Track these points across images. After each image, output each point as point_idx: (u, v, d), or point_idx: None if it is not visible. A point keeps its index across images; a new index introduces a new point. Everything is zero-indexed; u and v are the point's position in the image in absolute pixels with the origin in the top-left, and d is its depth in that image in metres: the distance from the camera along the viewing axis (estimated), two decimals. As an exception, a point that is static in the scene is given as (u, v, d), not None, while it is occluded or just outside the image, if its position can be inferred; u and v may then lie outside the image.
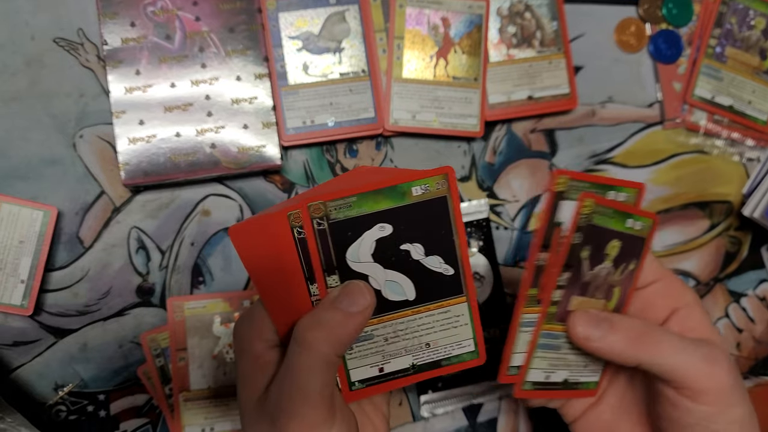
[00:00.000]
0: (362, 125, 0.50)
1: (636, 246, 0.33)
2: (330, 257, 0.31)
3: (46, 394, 0.47)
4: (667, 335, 0.33)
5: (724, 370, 0.32)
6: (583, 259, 0.32)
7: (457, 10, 0.51)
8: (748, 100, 0.56)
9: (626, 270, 0.34)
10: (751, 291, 0.57)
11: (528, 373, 0.34)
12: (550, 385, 0.35)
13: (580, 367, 0.35)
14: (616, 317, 0.34)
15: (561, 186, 0.32)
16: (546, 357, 0.34)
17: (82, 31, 0.49)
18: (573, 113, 0.55)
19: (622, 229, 0.33)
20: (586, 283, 0.33)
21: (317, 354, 0.29)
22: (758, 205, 0.54)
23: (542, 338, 0.33)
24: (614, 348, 0.33)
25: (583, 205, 0.31)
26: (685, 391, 0.32)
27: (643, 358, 0.32)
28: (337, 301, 0.30)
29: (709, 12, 0.56)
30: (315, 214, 0.30)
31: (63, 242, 0.47)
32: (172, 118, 0.47)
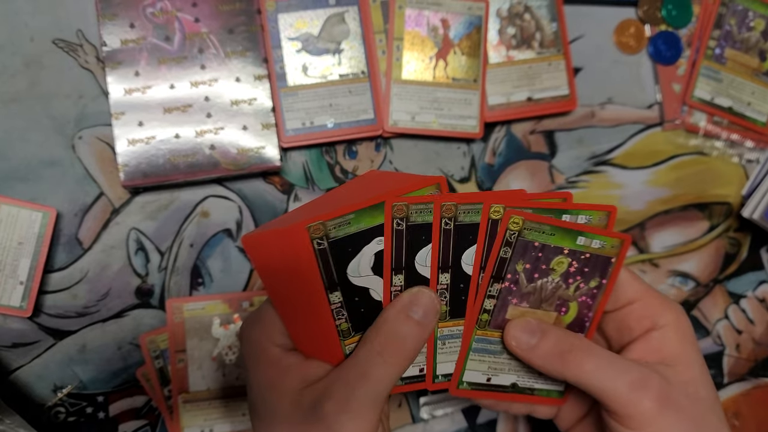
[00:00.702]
0: (361, 126, 0.50)
1: (597, 264, 0.33)
2: (332, 275, 0.31)
3: (45, 396, 0.47)
4: (596, 356, 0.32)
5: (650, 398, 0.31)
6: (519, 272, 0.33)
7: (456, 12, 0.51)
8: (748, 102, 0.56)
9: (585, 286, 0.34)
10: (751, 292, 0.57)
11: (463, 374, 0.34)
12: (495, 388, 0.35)
13: (532, 374, 0.35)
14: (553, 329, 0.33)
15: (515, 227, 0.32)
16: (484, 360, 0.34)
17: (82, 32, 0.48)
18: (572, 114, 0.55)
19: (571, 246, 0.32)
20: (528, 293, 0.33)
21: (397, 368, 0.31)
22: (758, 206, 0.54)
23: (476, 343, 0.34)
24: (541, 360, 0.33)
25: (509, 222, 0.31)
26: (613, 415, 0.32)
27: (567, 375, 0.32)
28: (412, 310, 0.31)
29: (708, 13, 0.56)
30: (315, 234, 0.30)
31: (62, 243, 0.47)
32: (172, 119, 0.47)
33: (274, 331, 0.32)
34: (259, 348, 0.32)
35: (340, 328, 0.32)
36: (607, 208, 0.33)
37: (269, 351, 0.32)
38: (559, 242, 0.32)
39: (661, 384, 0.32)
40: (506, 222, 0.31)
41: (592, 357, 0.32)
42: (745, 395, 0.57)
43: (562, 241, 0.32)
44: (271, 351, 0.32)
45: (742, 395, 0.57)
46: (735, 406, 0.56)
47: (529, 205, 0.32)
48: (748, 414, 0.56)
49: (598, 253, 0.33)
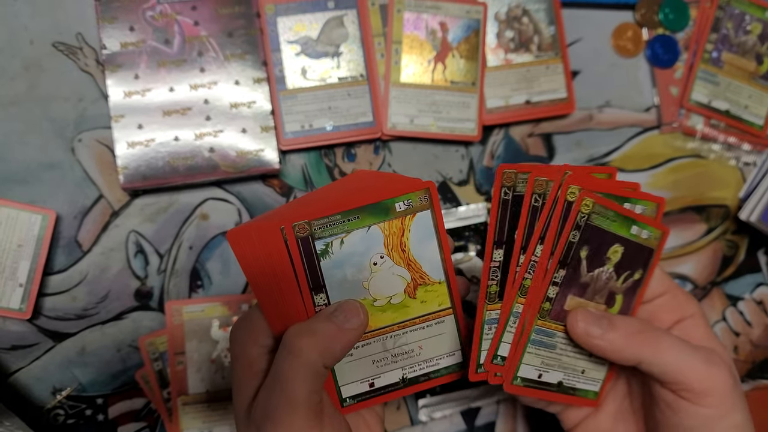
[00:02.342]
0: (360, 129, 0.50)
1: (642, 255, 0.33)
2: (316, 275, 0.31)
3: (45, 398, 0.47)
4: (667, 335, 0.33)
5: (725, 373, 0.32)
6: (582, 258, 0.32)
7: (454, 15, 0.52)
8: (745, 105, 0.56)
9: (630, 279, 0.34)
10: (748, 295, 0.58)
11: (519, 368, 0.34)
12: (543, 385, 0.35)
13: (576, 373, 0.35)
14: (617, 317, 0.33)
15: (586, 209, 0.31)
16: (539, 354, 0.34)
17: (81, 35, 0.49)
18: (570, 117, 0.55)
19: (626, 234, 0.33)
20: (585, 284, 0.33)
21: (305, 361, 0.29)
22: (755, 209, 0.54)
23: (535, 334, 0.33)
24: (615, 345, 0.32)
25: (581, 204, 0.31)
26: (686, 393, 0.32)
27: (644, 356, 0.32)
28: (333, 315, 0.31)
29: (705, 17, 0.56)
30: (300, 233, 0.30)
31: (61, 246, 0.47)
32: (171, 122, 0.47)
33: (259, 332, 0.32)
34: (241, 349, 0.32)
35: None
36: (657, 199, 0.33)
37: (249, 352, 0.32)
38: (618, 230, 0.32)
39: (728, 361, 0.33)
40: (579, 204, 0.31)
41: (665, 335, 0.33)
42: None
43: (621, 228, 0.32)
44: (251, 353, 0.32)
45: (740, 397, 0.57)
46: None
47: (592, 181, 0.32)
48: (746, 416, 0.56)
49: (644, 243, 0.33)
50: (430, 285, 0.33)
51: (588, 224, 0.32)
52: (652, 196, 0.34)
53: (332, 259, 0.31)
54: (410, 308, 0.33)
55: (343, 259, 0.31)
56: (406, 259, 0.33)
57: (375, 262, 0.32)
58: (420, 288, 0.33)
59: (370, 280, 0.32)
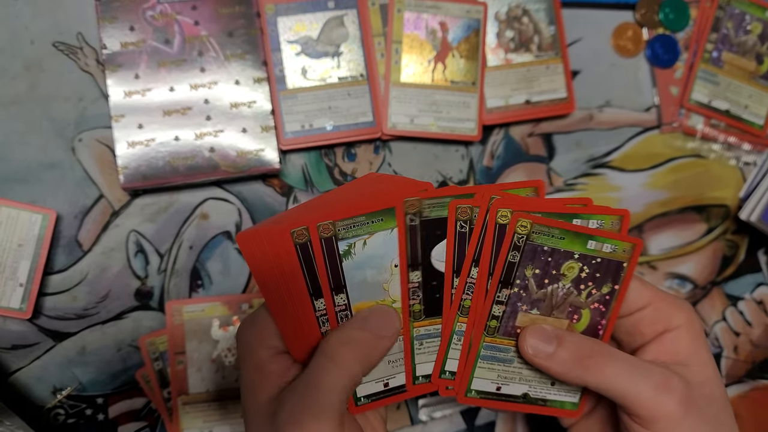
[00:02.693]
0: (360, 129, 0.50)
1: (609, 269, 0.33)
2: (338, 275, 0.31)
3: (45, 398, 0.47)
4: (617, 359, 0.32)
5: (675, 399, 0.31)
6: (528, 277, 0.32)
7: (455, 15, 0.52)
8: (745, 105, 0.56)
9: (597, 293, 0.33)
10: (748, 294, 0.58)
11: (471, 381, 0.34)
12: (506, 397, 0.35)
13: (543, 384, 0.35)
14: (569, 335, 0.33)
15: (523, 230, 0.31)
16: (493, 368, 0.34)
17: (82, 35, 0.49)
18: (570, 117, 0.55)
19: (582, 250, 0.32)
20: (538, 300, 0.33)
21: (347, 371, 0.30)
22: (755, 208, 0.54)
23: (484, 350, 0.33)
24: (561, 367, 0.32)
25: (516, 225, 0.31)
26: (636, 418, 0.32)
27: (589, 381, 0.32)
28: (367, 322, 0.31)
29: (705, 17, 0.56)
30: (324, 233, 0.30)
31: (62, 246, 0.47)
32: (171, 122, 0.47)
33: (267, 333, 0.32)
34: (249, 350, 0.32)
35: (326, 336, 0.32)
36: (619, 212, 0.32)
37: (258, 354, 0.32)
38: (569, 246, 0.32)
39: (684, 385, 0.31)
40: (514, 225, 0.31)
41: (613, 361, 0.32)
42: (743, 397, 0.57)
43: (573, 245, 0.32)
44: (260, 354, 0.32)
45: (740, 397, 0.57)
46: (733, 408, 0.56)
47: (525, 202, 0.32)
48: (746, 416, 0.57)
49: (609, 257, 0.32)
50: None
51: (529, 243, 0.31)
52: (610, 209, 0.33)
53: (354, 260, 0.31)
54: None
55: (365, 260, 0.31)
56: None
57: (396, 264, 0.32)
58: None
59: (390, 282, 0.32)
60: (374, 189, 0.34)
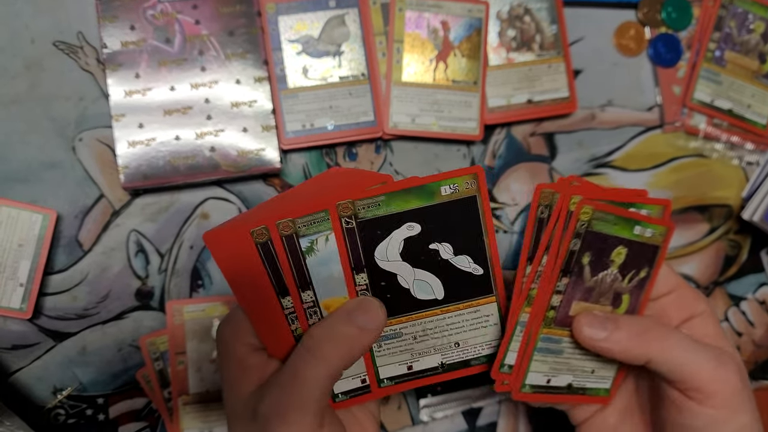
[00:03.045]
0: (362, 128, 0.50)
1: (647, 253, 0.33)
2: (303, 273, 0.31)
3: (45, 398, 0.47)
4: (675, 333, 0.32)
5: (734, 374, 0.31)
6: (584, 264, 0.32)
7: (456, 14, 0.51)
8: (748, 104, 0.56)
9: (636, 278, 0.34)
10: (751, 295, 0.57)
11: (527, 375, 0.34)
12: (553, 389, 0.35)
13: (585, 373, 0.35)
14: (622, 317, 0.33)
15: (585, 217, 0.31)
16: (546, 361, 0.34)
17: (82, 34, 0.49)
18: (572, 117, 0.55)
19: (629, 236, 0.33)
20: (590, 288, 0.33)
21: (329, 365, 0.30)
22: (758, 208, 0.54)
23: (541, 342, 0.33)
24: (621, 345, 0.32)
25: (580, 212, 0.31)
26: (693, 393, 0.32)
27: (652, 354, 0.32)
28: (353, 316, 0.31)
29: (708, 16, 0.56)
30: (284, 231, 0.30)
31: (62, 245, 0.47)
32: (172, 121, 0.47)
33: (244, 330, 0.32)
34: (227, 347, 0.32)
35: (296, 333, 0.32)
36: (663, 202, 0.34)
37: (236, 350, 0.32)
38: (620, 232, 0.32)
39: (735, 362, 0.32)
40: (578, 212, 0.31)
41: (672, 334, 0.32)
42: (746, 397, 0.57)
43: (623, 230, 0.32)
44: (238, 350, 0.32)
45: (743, 397, 0.57)
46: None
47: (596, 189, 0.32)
48: (749, 416, 0.56)
49: (649, 242, 0.33)
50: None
51: (588, 231, 0.32)
52: (658, 199, 0.34)
53: (318, 257, 0.31)
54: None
55: (329, 256, 0.31)
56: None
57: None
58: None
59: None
60: (334, 184, 0.34)
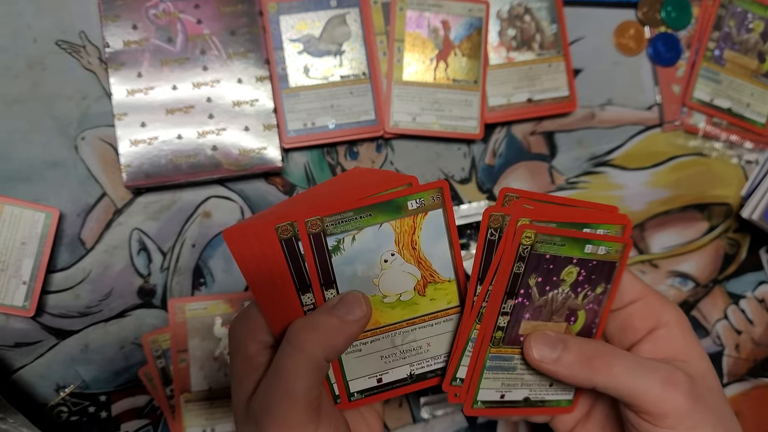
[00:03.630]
0: (363, 127, 0.50)
1: (603, 270, 0.33)
2: (327, 271, 0.31)
3: (48, 395, 0.47)
4: (623, 358, 0.32)
5: (682, 393, 0.31)
6: (531, 286, 0.32)
7: (457, 13, 0.52)
8: (747, 103, 0.56)
9: (592, 294, 0.34)
10: (750, 293, 0.58)
11: (478, 392, 0.34)
12: (508, 404, 0.35)
13: (543, 387, 0.35)
14: (572, 339, 0.33)
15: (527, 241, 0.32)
16: (498, 378, 0.34)
17: (84, 33, 0.49)
18: (572, 116, 0.55)
19: (579, 255, 0.32)
20: (539, 307, 0.33)
21: (308, 355, 0.30)
22: (757, 207, 0.54)
23: (490, 361, 0.34)
24: (568, 370, 0.32)
25: (522, 237, 0.31)
26: (644, 415, 0.32)
27: (597, 381, 0.32)
28: (335, 308, 0.31)
29: (707, 15, 0.56)
30: (312, 229, 0.30)
31: (65, 244, 0.48)
32: (174, 120, 0.47)
33: (258, 328, 0.32)
34: (240, 344, 0.33)
35: None
36: (622, 220, 0.33)
37: (248, 347, 0.32)
38: (568, 252, 0.32)
39: (688, 379, 0.32)
40: (519, 236, 0.31)
41: (619, 359, 0.32)
42: (745, 395, 0.57)
43: (572, 250, 0.32)
44: (250, 347, 0.32)
45: (742, 395, 0.57)
46: (734, 406, 0.56)
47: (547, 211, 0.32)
48: (748, 414, 0.57)
49: (604, 259, 0.33)
50: (440, 283, 0.33)
51: (533, 253, 0.32)
52: (615, 217, 0.33)
53: (343, 256, 0.31)
54: (420, 305, 0.33)
55: (354, 255, 0.32)
56: (417, 257, 0.33)
57: (386, 260, 0.32)
58: (430, 286, 0.33)
59: (380, 277, 0.32)
60: (357, 183, 0.35)
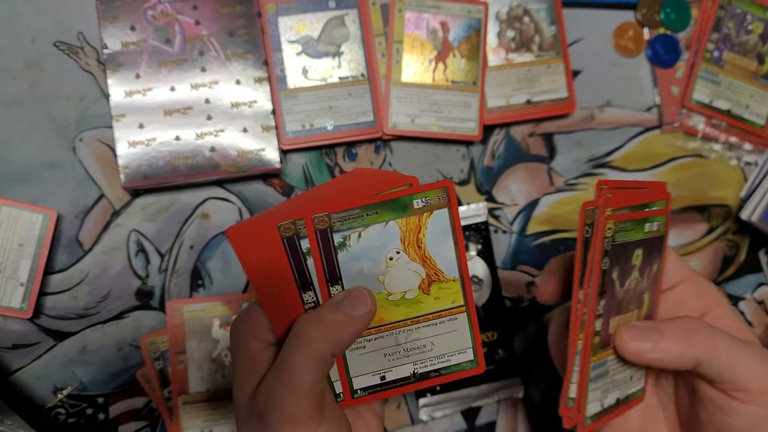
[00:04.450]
0: (361, 129, 0.50)
1: (656, 246, 0.33)
2: (333, 267, 0.31)
3: (46, 397, 0.47)
4: (721, 333, 0.32)
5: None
6: (614, 280, 0.32)
7: (455, 15, 0.52)
8: (746, 104, 0.56)
9: (650, 273, 0.33)
10: (749, 294, 0.58)
11: (586, 408, 0.33)
12: (607, 410, 0.34)
13: (627, 382, 0.35)
14: (660, 324, 0.32)
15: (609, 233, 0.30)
16: (598, 387, 0.33)
17: (82, 34, 0.49)
18: (571, 117, 0.55)
19: (642, 236, 0.32)
20: (620, 300, 0.32)
21: (314, 350, 0.30)
22: (756, 208, 0.54)
23: (593, 371, 0.32)
24: (671, 353, 0.31)
25: (605, 230, 0.30)
26: (739, 393, 0.31)
27: (702, 358, 0.31)
28: (341, 303, 0.31)
29: (706, 16, 0.56)
30: (319, 225, 0.30)
31: (62, 245, 0.47)
32: (172, 121, 0.47)
33: (260, 326, 0.32)
34: (242, 343, 0.33)
35: None
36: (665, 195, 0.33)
37: (250, 345, 0.32)
38: (635, 236, 0.32)
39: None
40: (602, 230, 0.30)
41: (719, 334, 0.32)
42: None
43: (637, 233, 0.32)
44: (252, 345, 0.32)
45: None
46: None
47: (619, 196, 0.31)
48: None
49: (656, 235, 0.33)
50: (445, 282, 0.33)
51: (613, 245, 0.31)
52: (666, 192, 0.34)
53: (349, 252, 0.32)
54: (424, 304, 0.33)
55: (360, 252, 0.32)
56: (422, 256, 0.33)
57: (391, 257, 0.32)
58: (434, 285, 0.33)
59: (385, 274, 0.32)
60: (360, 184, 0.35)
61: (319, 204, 0.31)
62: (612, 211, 0.31)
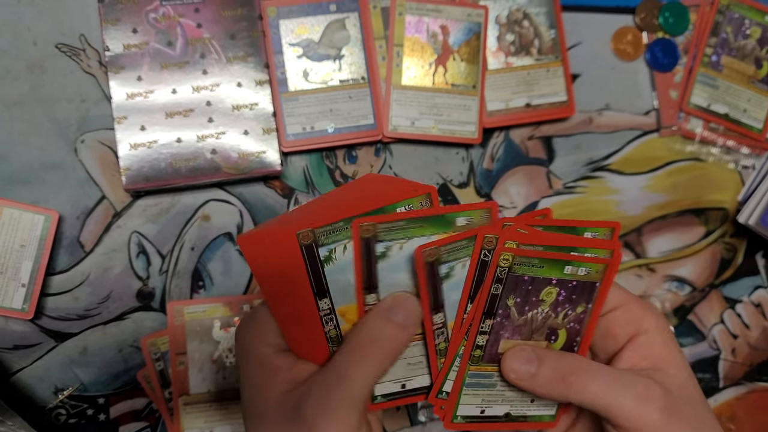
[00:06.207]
0: (361, 132, 0.50)
1: (583, 290, 0.33)
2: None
3: (47, 398, 0.47)
4: (598, 373, 0.33)
5: (656, 409, 0.31)
6: (509, 306, 0.33)
7: (456, 18, 0.52)
8: (744, 109, 0.57)
9: (572, 313, 0.34)
10: (746, 297, 0.58)
11: (457, 408, 0.35)
12: (489, 419, 0.35)
13: (524, 402, 0.36)
14: (548, 354, 0.33)
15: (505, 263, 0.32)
16: (477, 394, 0.35)
17: (84, 36, 0.49)
18: (570, 120, 0.55)
19: (559, 276, 0.32)
20: (519, 326, 0.33)
21: (376, 366, 0.31)
22: (753, 212, 0.54)
23: (469, 378, 0.34)
24: (543, 387, 0.33)
25: (499, 259, 0.31)
26: (620, 430, 0.32)
27: (572, 398, 0.32)
28: (392, 314, 0.31)
29: (705, 21, 0.57)
30: (303, 241, 0.30)
31: (64, 246, 0.48)
32: (174, 123, 0.47)
33: (267, 331, 0.32)
34: (250, 348, 0.33)
35: (329, 335, 0.32)
36: (610, 245, 0.33)
37: (260, 351, 0.32)
38: (547, 273, 0.32)
39: (664, 393, 0.32)
40: (496, 259, 0.31)
41: (594, 375, 0.32)
42: (741, 399, 0.57)
43: (551, 271, 0.32)
44: (262, 351, 0.32)
45: (738, 399, 0.57)
46: (730, 410, 0.57)
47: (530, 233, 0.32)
48: (744, 418, 0.57)
49: (584, 279, 0.33)
50: None
51: (511, 275, 0.32)
52: (606, 242, 0.33)
53: (336, 265, 0.31)
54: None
55: (347, 264, 0.32)
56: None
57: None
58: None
59: None
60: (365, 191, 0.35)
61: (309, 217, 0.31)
62: (516, 245, 0.31)
